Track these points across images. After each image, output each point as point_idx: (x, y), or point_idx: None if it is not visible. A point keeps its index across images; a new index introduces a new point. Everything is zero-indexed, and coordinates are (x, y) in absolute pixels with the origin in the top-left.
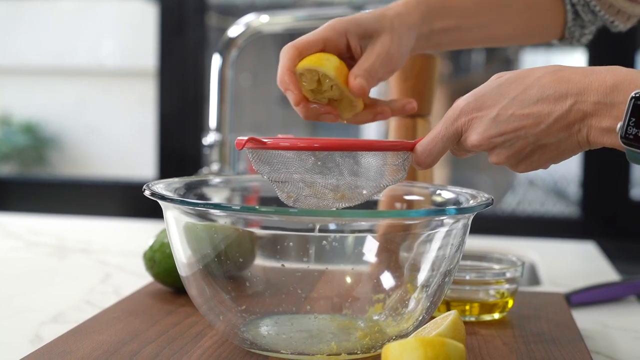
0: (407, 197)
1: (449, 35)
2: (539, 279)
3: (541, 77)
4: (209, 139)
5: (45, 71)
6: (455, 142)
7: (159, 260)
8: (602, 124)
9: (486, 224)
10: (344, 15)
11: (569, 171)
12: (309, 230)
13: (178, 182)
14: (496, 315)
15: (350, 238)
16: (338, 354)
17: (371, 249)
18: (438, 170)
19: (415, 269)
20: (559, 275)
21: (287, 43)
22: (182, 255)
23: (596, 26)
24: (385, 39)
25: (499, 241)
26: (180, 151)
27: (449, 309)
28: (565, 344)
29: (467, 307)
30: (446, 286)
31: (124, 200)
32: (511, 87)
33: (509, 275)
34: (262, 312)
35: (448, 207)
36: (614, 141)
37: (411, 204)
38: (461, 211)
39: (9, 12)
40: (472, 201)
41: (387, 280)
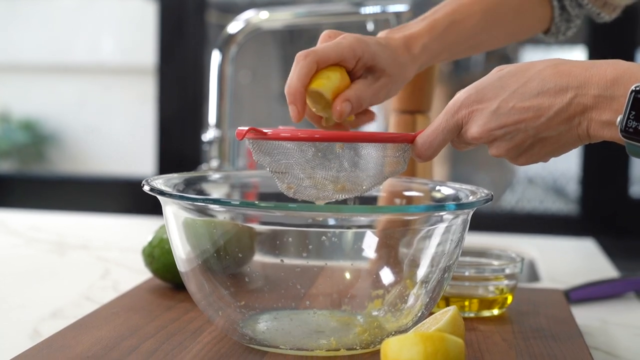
0: (407, 193)
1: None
2: (538, 275)
3: (542, 71)
4: (209, 135)
5: (45, 68)
6: (456, 134)
7: (158, 256)
8: (602, 117)
9: (485, 221)
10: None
11: (568, 169)
12: (308, 226)
13: (177, 178)
14: (495, 311)
15: (350, 234)
16: (337, 350)
17: (370, 244)
18: (437, 167)
19: (415, 264)
20: (558, 271)
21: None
22: (181, 251)
23: (581, 19)
24: (388, 82)
25: (499, 238)
26: (180, 148)
27: (448, 305)
28: (564, 340)
29: (466, 303)
30: (445, 282)
31: (123, 197)
32: (512, 80)
33: (508, 271)
34: (262, 307)
35: (448, 203)
36: (614, 134)
37: (411, 200)
38: (461, 207)
39: (8, 9)
40: (471, 197)
41: (387, 276)
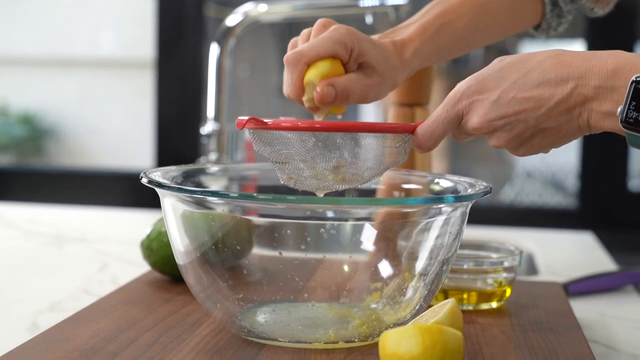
0: (405, 186)
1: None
2: (537, 268)
3: (542, 61)
4: (207, 128)
5: (44, 62)
6: (456, 125)
7: (156, 248)
8: (602, 107)
9: (484, 215)
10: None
11: (567, 163)
12: (307, 218)
13: (175, 170)
14: (494, 304)
15: (348, 226)
16: (335, 342)
17: (369, 237)
18: (436, 161)
19: (413, 257)
20: (557, 265)
21: (290, 41)
22: (180, 244)
23: (572, 15)
24: (379, 82)
25: (497, 231)
26: (179, 142)
27: (446, 298)
28: (563, 333)
29: (464, 296)
30: (444, 275)
31: (121, 190)
32: (512, 70)
33: (506, 264)
34: (260, 300)
35: (446, 195)
36: (614, 125)
37: (409, 193)
38: (459, 199)
39: (7, 2)
40: (470, 190)
41: (385, 268)
